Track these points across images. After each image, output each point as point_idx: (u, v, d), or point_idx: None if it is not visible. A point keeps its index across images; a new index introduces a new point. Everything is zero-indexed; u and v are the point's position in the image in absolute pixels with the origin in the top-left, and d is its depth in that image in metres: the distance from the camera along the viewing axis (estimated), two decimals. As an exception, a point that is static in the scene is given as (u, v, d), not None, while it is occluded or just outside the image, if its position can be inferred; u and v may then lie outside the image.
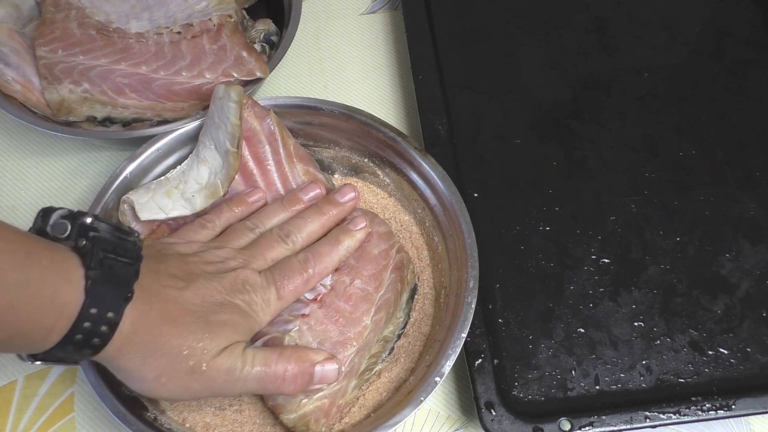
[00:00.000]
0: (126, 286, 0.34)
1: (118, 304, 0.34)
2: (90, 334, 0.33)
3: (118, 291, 0.34)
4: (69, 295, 0.32)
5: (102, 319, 0.33)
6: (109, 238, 0.34)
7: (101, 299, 0.33)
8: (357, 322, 0.44)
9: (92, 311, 0.32)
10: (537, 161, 0.56)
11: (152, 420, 0.41)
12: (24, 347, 0.33)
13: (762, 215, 0.54)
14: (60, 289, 0.32)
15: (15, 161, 0.57)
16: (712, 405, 0.45)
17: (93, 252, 0.33)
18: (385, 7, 0.67)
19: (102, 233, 0.34)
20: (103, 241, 0.34)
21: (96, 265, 0.33)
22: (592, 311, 0.50)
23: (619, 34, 0.63)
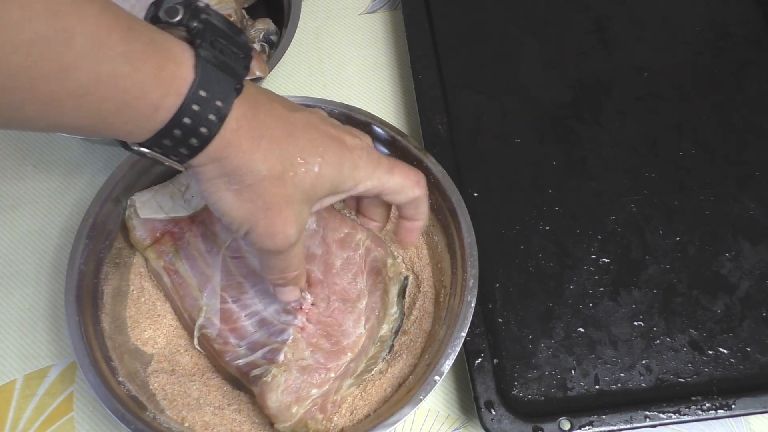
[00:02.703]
0: (236, 76, 0.32)
1: (228, 93, 0.32)
2: (197, 119, 0.31)
3: (228, 79, 0.32)
4: (176, 71, 0.30)
5: (210, 105, 0.31)
6: (221, 27, 0.32)
7: (211, 82, 0.31)
8: (349, 334, 0.44)
9: (201, 93, 0.31)
10: (537, 161, 0.56)
11: (151, 419, 0.41)
12: (132, 126, 0.31)
13: (762, 215, 0.54)
14: (165, 64, 0.30)
15: (15, 161, 0.57)
16: (712, 405, 0.45)
17: (205, 33, 0.31)
18: (385, 7, 0.67)
19: (213, 19, 0.32)
20: (216, 27, 0.32)
21: (208, 46, 0.31)
22: (592, 311, 0.50)
23: (619, 34, 0.63)
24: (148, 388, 0.44)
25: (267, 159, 0.34)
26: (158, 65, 0.29)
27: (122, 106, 0.29)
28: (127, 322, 0.47)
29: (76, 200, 0.56)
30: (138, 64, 0.29)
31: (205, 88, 0.31)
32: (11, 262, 0.53)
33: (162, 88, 0.30)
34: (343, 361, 0.43)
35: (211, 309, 0.45)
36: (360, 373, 0.44)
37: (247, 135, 0.33)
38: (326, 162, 0.36)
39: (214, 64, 0.31)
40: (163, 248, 0.48)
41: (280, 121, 0.35)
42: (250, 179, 0.34)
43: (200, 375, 0.46)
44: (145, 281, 0.49)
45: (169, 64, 0.30)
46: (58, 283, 0.52)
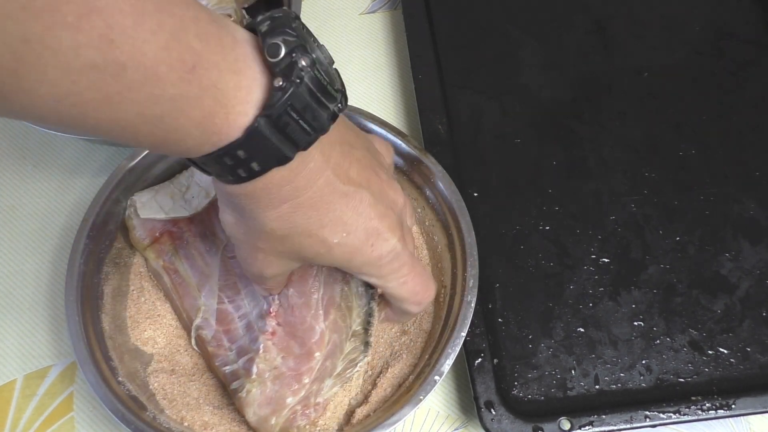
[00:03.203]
0: (287, 151, 0.30)
1: (269, 161, 0.30)
2: (226, 169, 0.30)
3: (277, 151, 0.29)
4: (220, 126, 0.28)
5: (244, 164, 0.29)
6: (310, 93, 0.29)
7: (255, 149, 0.29)
8: (312, 331, 0.43)
9: (239, 153, 0.29)
10: (537, 161, 0.56)
11: (151, 419, 0.41)
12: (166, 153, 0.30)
13: (762, 215, 0.54)
14: (213, 115, 0.28)
15: (15, 161, 0.57)
16: (712, 404, 0.45)
17: (281, 100, 0.28)
18: (385, 7, 0.67)
19: (305, 86, 0.29)
20: (302, 95, 0.29)
21: (275, 116, 0.28)
22: (591, 311, 0.50)
23: (619, 34, 0.63)
24: (148, 388, 0.44)
25: (278, 220, 0.32)
26: (207, 114, 0.28)
27: (163, 142, 0.28)
28: (127, 322, 0.47)
29: (76, 200, 0.56)
30: (186, 110, 0.27)
31: (246, 151, 0.29)
32: (11, 262, 0.53)
33: (201, 138, 0.28)
34: (314, 363, 0.42)
35: (208, 309, 0.45)
36: (340, 372, 0.43)
37: (272, 194, 0.31)
38: (343, 246, 0.34)
39: (270, 134, 0.29)
40: (163, 248, 0.48)
41: (322, 191, 0.32)
42: (252, 225, 0.33)
43: (200, 375, 0.46)
44: (145, 281, 0.49)
45: (216, 116, 0.28)
46: (58, 283, 0.52)
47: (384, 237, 0.35)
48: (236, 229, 0.35)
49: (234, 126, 0.28)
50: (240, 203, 0.32)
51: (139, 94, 0.26)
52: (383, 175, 0.37)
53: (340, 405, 0.44)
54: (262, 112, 0.28)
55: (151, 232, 0.48)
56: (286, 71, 0.28)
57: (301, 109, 0.29)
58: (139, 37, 0.24)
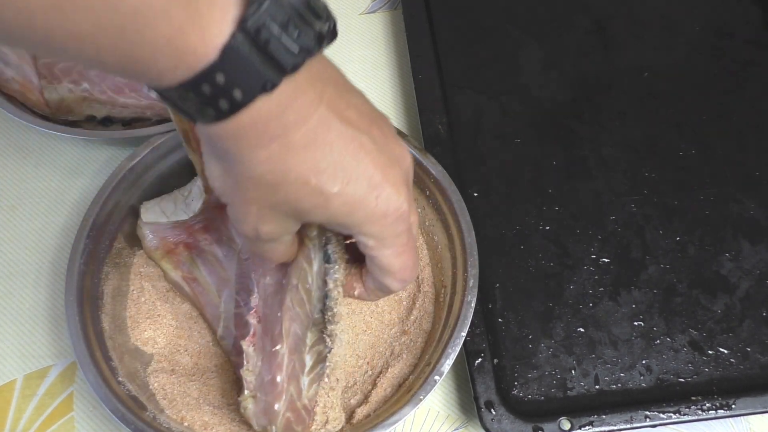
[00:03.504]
0: (271, 71, 0.27)
1: (252, 88, 0.26)
2: (206, 99, 0.26)
3: (260, 75, 0.26)
4: (195, 45, 0.25)
5: (225, 92, 0.26)
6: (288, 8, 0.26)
7: (235, 69, 0.26)
8: (276, 322, 0.40)
9: (218, 77, 0.26)
10: (537, 161, 0.56)
11: (151, 419, 0.41)
12: (139, 79, 0.27)
13: (762, 215, 0.54)
14: (185, 32, 0.25)
15: (15, 161, 0.57)
16: (712, 404, 0.45)
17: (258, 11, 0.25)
18: (385, 7, 0.67)
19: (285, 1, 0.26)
20: (280, 7, 0.26)
21: (252, 29, 0.25)
22: (592, 311, 0.50)
23: (619, 34, 0.63)
24: (148, 388, 0.44)
25: (268, 162, 0.29)
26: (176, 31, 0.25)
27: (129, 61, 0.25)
28: (127, 322, 0.47)
29: (76, 200, 0.56)
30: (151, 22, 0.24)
31: (226, 74, 0.26)
32: (11, 262, 0.53)
33: (173, 58, 0.25)
34: (279, 359, 0.39)
35: (228, 316, 0.45)
36: (311, 367, 0.40)
37: (259, 130, 0.28)
38: (343, 196, 0.31)
39: (249, 51, 0.26)
40: (179, 258, 0.47)
41: (316, 130, 0.29)
42: (239, 170, 0.30)
43: (200, 375, 0.46)
44: (145, 281, 0.49)
45: (190, 34, 0.25)
46: (58, 283, 0.52)
47: (389, 191, 0.32)
48: (224, 181, 0.31)
49: (210, 45, 0.25)
50: (225, 146, 0.29)
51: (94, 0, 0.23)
52: (386, 129, 0.33)
53: (330, 407, 0.41)
54: (239, 26, 0.25)
55: (163, 241, 0.48)
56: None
57: (281, 22, 0.26)
58: None
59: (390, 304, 0.48)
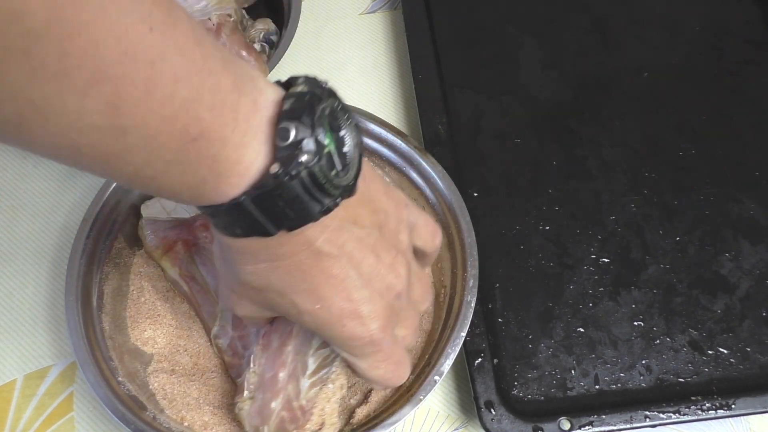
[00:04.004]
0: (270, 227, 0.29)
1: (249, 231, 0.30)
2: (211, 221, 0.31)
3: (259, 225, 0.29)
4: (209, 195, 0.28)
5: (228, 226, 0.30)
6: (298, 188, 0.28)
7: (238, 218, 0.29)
8: (286, 322, 0.40)
9: (222, 216, 0.30)
10: (537, 161, 0.56)
11: (151, 419, 0.41)
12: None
13: (762, 215, 0.54)
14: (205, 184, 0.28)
15: (15, 161, 0.57)
16: (711, 404, 0.45)
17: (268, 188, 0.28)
18: (385, 7, 0.67)
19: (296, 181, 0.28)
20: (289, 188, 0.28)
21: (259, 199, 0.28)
22: (591, 311, 0.50)
23: (619, 34, 0.63)
24: (148, 388, 0.44)
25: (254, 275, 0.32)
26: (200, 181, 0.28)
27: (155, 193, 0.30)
28: (127, 322, 0.47)
29: (76, 200, 0.56)
30: (180, 174, 0.27)
31: (230, 217, 0.30)
32: (11, 262, 0.53)
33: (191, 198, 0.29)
34: (285, 356, 0.39)
35: (225, 315, 0.45)
36: (314, 370, 0.40)
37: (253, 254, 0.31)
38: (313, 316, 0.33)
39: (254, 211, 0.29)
40: (178, 256, 0.47)
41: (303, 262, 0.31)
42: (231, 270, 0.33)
43: (200, 375, 0.46)
44: (145, 281, 0.49)
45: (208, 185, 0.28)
46: (58, 283, 0.52)
47: (361, 321, 0.33)
48: (219, 262, 0.36)
49: (222, 194, 0.28)
50: (224, 254, 0.33)
51: (135, 157, 0.26)
52: (387, 257, 0.34)
53: (329, 413, 0.40)
54: (249, 191, 0.28)
55: (164, 240, 0.48)
56: (285, 160, 0.28)
57: (289, 199, 0.28)
58: (146, 107, 0.24)
59: (390, 304, 0.48)
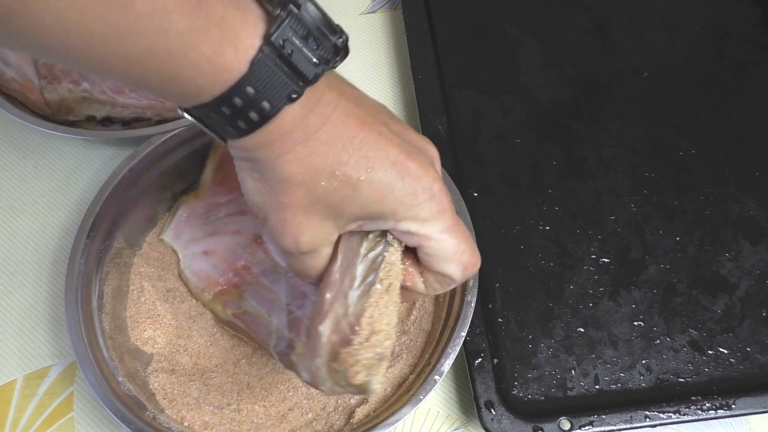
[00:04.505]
0: (298, 81, 0.29)
1: (279, 98, 0.29)
2: (238, 112, 0.29)
3: (286, 83, 0.29)
4: (230, 62, 0.28)
5: (255, 104, 0.29)
6: (308, 23, 0.29)
7: (263, 82, 0.29)
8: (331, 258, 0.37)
9: (248, 90, 0.28)
10: (537, 161, 0.56)
11: (151, 419, 0.41)
12: (175, 98, 0.30)
13: (762, 215, 0.54)
14: (223, 50, 0.28)
15: (15, 161, 0.57)
16: (711, 404, 0.45)
17: (283, 26, 0.28)
18: (385, 7, 0.67)
19: (304, 14, 0.29)
20: (301, 23, 0.29)
21: (279, 41, 0.28)
22: (591, 311, 0.50)
23: (619, 34, 0.63)
24: (148, 387, 0.44)
25: (295, 162, 0.31)
26: (216, 50, 0.27)
27: (171, 80, 0.28)
28: (127, 322, 0.47)
29: (76, 200, 0.56)
30: (195, 44, 0.27)
31: (255, 86, 0.28)
32: (11, 262, 0.53)
33: (211, 74, 0.28)
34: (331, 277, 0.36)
35: (279, 327, 0.44)
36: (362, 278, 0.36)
37: (285, 136, 0.30)
38: (369, 183, 0.32)
39: (276, 65, 0.29)
40: (228, 298, 0.47)
41: (337, 126, 0.31)
42: (270, 176, 0.32)
43: (200, 375, 0.46)
44: (145, 281, 0.49)
45: (227, 51, 0.28)
46: (58, 283, 0.52)
47: (416, 172, 0.32)
48: (258, 191, 0.33)
49: (242, 60, 0.28)
50: (256, 156, 0.31)
51: (146, 27, 0.26)
52: (402, 125, 0.35)
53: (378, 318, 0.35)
54: (265, 41, 0.28)
55: (209, 282, 0.48)
56: (282, 2, 0.29)
57: (302, 36, 0.29)
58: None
59: (390, 304, 0.48)
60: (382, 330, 0.35)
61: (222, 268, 0.48)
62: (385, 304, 0.35)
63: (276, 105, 0.29)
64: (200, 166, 0.51)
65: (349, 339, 0.34)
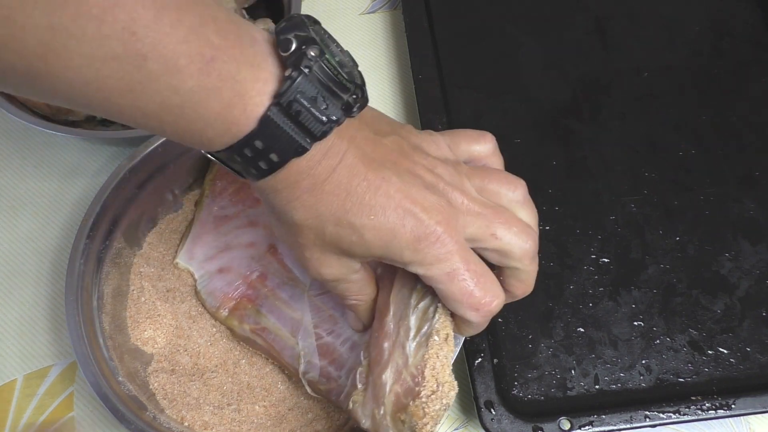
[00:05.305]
0: (302, 138, 0.30)
1: (286, 152, 0.30)
2: (249, 162, 0.31)
3: (292, 141, 0.30)
4: (238, 118, 0.29)
5: (263, 156, 0.30)
6: (319, 83, 0.30)
7: (271, 137, 0.30)
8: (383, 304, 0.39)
9: (256, 144, 0.30)
10: (537, 161, 0.56)
11: (151, 419, 0.41)
12: (192, 145, 0.31)
13: (762, 215, 0.54)
14: (232, 107, 0.29)
15: (15, 161, 0.57)
16: (711, 404, 0.45)
17: (290, 88, 0.29)
18: (385, 7, 0.67)
19: (316, 74, 0.30)
20: (312, 82, 0.30)
21: (285, 103, 0.29)
22: (591, 311, 0.50)
23: (619, 34, 0.63)
24: (148, 387, 0.44)
25: (302, 209, 0.32)
26: (226, 106, 0.29)
27: (185, 132, 0.30)
28: (127, 322, 0.47)
29: (76, 200, 0.56)
30: (205, 101, 0.28)
31: (263, 141, 0.30)
32: (11, 262, 0.53)
33: (220, 129, 0.30)
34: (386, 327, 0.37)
35: (308, 351, 0.44)
36: (416, 329, 0.37)
37: (293, 185, 0.32)
38: (373, 229, 0.32)
39: (283, 122, 0.30)
40: (243, 312, 0.47)
41: (342, 175, 0.32)
42: (284, 219, 0.34)
43: (200, 375, 0.46)
44: (145, 281, 0.49)
45: (236, 108, 0.29)
46: (58, 283, 0.52)
47: (419, 217, 0.32)
48: (278, 229, 0.35)
49: (251, 116, 0.29)
50: (269, 200, 0.33)
51: (159, 85, 0.27)
52: (422, 159, 0.35)
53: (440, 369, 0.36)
54: (273, 101, 0.29)
55: (224, 299, 0.47)
56: (295, 62, 0.30)
57: (310, 96, 0.30)
58: (160, 30, 0.26)
59: (390, 304, 0.48)
60: (446, 381, 0.36)
61: (236, 283, 0.48)
62: (445, 354, 0.36)
63: (283, 157, 0.31)
64: (200, 166, 0.51)
65: (414, 391, 0.35)
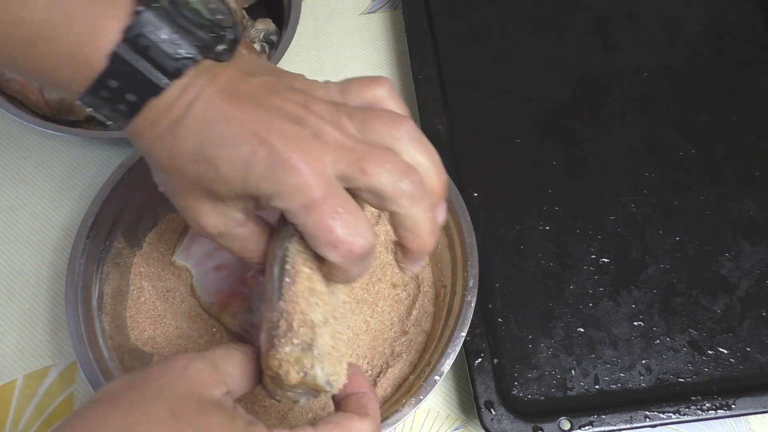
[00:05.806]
0: (156, 78, 0.29)
1: (141, 92, 0.29)
2: (109, 104, 0.30)
3: (145, 79, 0.29)
4: (89, 55, 0.28)
5: (120, 96, 0.29)
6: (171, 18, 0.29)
7: (124, 76, 0.29)
8: None
9: (111, 83, 0.29)
10: (537, 161, 0.56)
11: (151, 419, 0.41)
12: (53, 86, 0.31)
13: (762, 215, 0.54)
14: (83, 44, 0.28)
15: (15, 161, 0.57)
16: (711, 404, 0.45)
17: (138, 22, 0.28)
18: (385, 7, 0.67)
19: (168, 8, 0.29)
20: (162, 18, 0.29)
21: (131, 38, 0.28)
22: (591, 311, 0.50)
23: (619, 34, 0.63)
24: (148, 388, 0.44)
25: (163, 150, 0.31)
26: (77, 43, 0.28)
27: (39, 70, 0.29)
28: (127, 322, 0.47)
29: (76, 200, 0.56)
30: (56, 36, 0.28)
31: (118, 80, 0.29)
32: (11, 262, 0.53)
33: (72, 68, 0.29)
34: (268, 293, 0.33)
35: None
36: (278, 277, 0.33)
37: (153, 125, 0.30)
38: (227, 162, 0.30)
39: (133, 58, 0.28)
40: (235, 309, 0.47)
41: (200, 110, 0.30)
42: (153, 165, 0.32)
43: (200, 375, 0.46)
44: (145, 281, 0.49)
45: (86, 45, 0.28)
46: (58, 283, 0.52)
47: (272, 144, 0.29)
48: (157, 178, 0.34)
49: (102, 53, 0.28)
50: (139, 147, 0.32)
51: (5, 15, 0.27)
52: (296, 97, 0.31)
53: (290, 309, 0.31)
54: (122, 36, 0.28)
55: (219, 296, 0.47)
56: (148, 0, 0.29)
57: (160, 32, 0.29)
58: None
59: (390, 304, 0.48)
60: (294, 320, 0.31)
61: (230, 280, 0.48)
62: (295, 293, 0.31)
63: (141, 97, 0.29)
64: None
65: (272, 342, 0.31)
